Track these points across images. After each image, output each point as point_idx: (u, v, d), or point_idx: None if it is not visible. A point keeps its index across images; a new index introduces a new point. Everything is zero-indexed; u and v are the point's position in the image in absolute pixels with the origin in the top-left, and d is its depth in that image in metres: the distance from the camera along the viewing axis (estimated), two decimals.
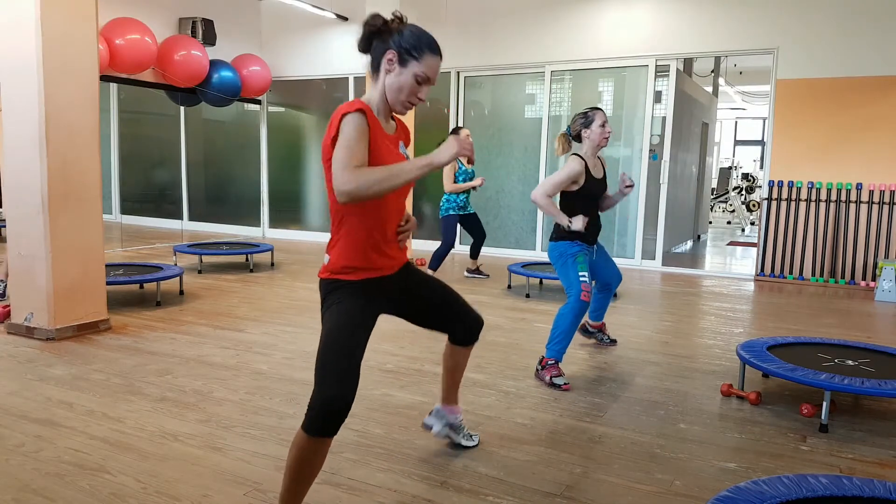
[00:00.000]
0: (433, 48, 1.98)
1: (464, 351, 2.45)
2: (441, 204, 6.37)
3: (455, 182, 6.15)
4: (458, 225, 6.36)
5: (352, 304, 1.97)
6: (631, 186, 3.60)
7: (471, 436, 2.67)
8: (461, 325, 2.37)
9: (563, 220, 3.53)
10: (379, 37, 2.00)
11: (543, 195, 3.54)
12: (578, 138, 3.68)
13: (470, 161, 1.83)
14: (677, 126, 7.91)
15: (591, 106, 3.76)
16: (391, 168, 1.79)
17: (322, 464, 1.90)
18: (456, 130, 6.25)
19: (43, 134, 3.94)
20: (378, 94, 2.02)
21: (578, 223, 3.47)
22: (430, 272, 6.09)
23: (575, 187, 3.58)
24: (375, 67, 2.02)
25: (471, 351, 2.49)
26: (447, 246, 6.19)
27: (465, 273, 6.77)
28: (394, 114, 2.11)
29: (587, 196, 3.62)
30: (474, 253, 6.63)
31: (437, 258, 6.17)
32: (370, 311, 2.03)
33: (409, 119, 7.00)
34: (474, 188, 6.21)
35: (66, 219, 4.09)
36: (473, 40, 8.24)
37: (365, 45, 2.03)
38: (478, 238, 6.53)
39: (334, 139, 1.86)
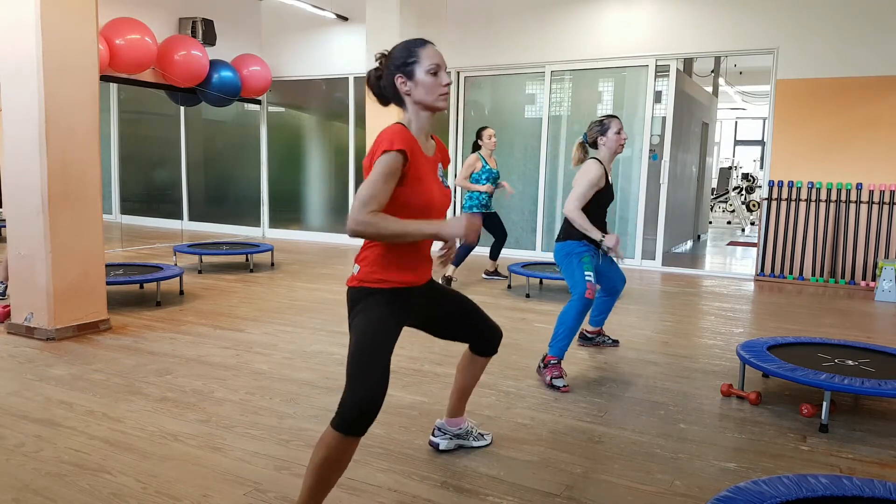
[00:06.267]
0: (420, 43, 2.06)
1: (482, 361, 2.49)
2: (464, 202, 6.37)
3: (470, 181, 6.11)
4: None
5: (381, 312, 2.02)
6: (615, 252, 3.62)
7: (482, 435, 2.69)
8: (481, 337, 2.41)
9: (597, 234, 3.52)
10: (381, 80, 2.10)
11: (576, 209, 3.54)
12: (595, 145, 3.70)
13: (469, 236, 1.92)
14: (677, 126, 7.91)
15: (606, 115, 3.78)
16: (404, 225, 1.90)
17: (346, 465, 1.91)
18: (480, 133, 6.20)
19: (43, 134, 3.94)
20: (413, 118, 2.08)
21: (611, 241, 3.49)
22: (452, 269, 6.07)
23: (594, 191, 3.59)
24: (399, 101, 2.09)
25: (488, 362, 2.52)
26: (470, 244, 6.16)
27: (483, 275, 6.75)
28: (433, 136, 2.19)
29: (600, 202, 3.63)
30: (494, 254, 6.61)
31: (460, 257, 6.14)
32: (397, 320, 2.06)
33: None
34: (487, 192, 6.09)
35: (66, 219, 4.09)
36: (473, 40, 8.24)
37: (380, 95, 2.13)
38: (499, 237, 6.50)
39: (372, 162, 1.95)
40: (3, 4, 3.97)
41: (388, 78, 2.07)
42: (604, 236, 3.52)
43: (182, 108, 10.25)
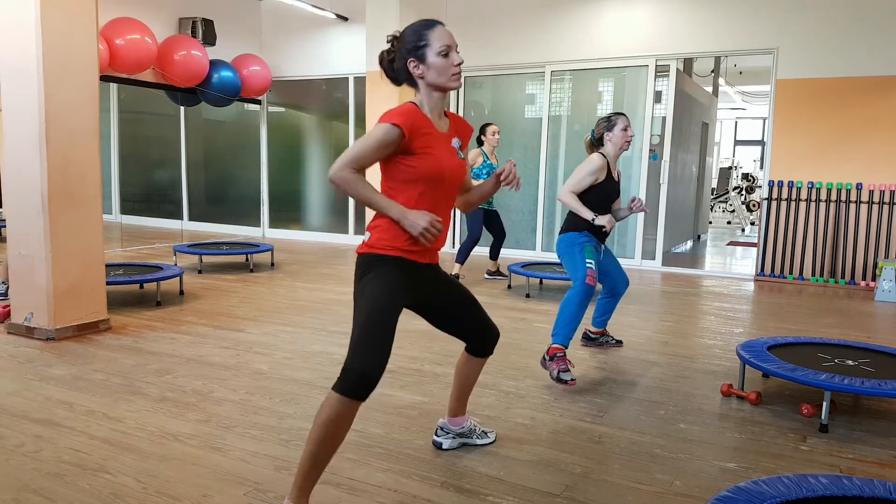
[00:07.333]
0: (429, 25, 2.11)
1: (478, 362, 2.50)
2: None
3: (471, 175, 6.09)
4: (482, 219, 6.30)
5: (389, 280, 2.07)
6: (640, 209, 3.69)
7: (485, 433, 2.70)
8: (480, 335, 2.42)
9: (588, 213, 3.58)
10: (394, 63, 2.15)
11: (567, 192, 3.61)
12: (601, 141, 3.74)
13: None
14: (677, 126, 7.91)
15: (614, 111, 3.83)
16: (373, 197, 2.01)
17: (347, 431, 1.95)
18: (484, 128, 6.18)
19: (43, 134, 3.94)
20: (426, 98, 2.14)
21: (604, 220, 3.55)
22: (457, 266, 6.07)
23: (593, 181, 3.63)
24: (413, 83, 2.15)
25: (484, 363, 2.53)
26: (474, 240, 6.15)
27: (486, 275, 6.74)
28: (449, 113, 2.25)
29: (601, 194, 3.67)
30: (494, 254, 6.61)
31: (464, 252, 6.13)
32: (403, 290, 2.10)
33: None
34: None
35: (66, 219, 4.09)
36: (473, 40, 8.24)
37: (393, 78, 2.19)
38: (498, 237, 6.50)
39: None
40: (3, 4, 3.97)
41: (400, 61, 2.11)
42: (595, 216, 3.56)
43: (182, 108, 10.25)
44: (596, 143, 3.77)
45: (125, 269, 5.57)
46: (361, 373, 1.90)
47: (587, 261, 3.57)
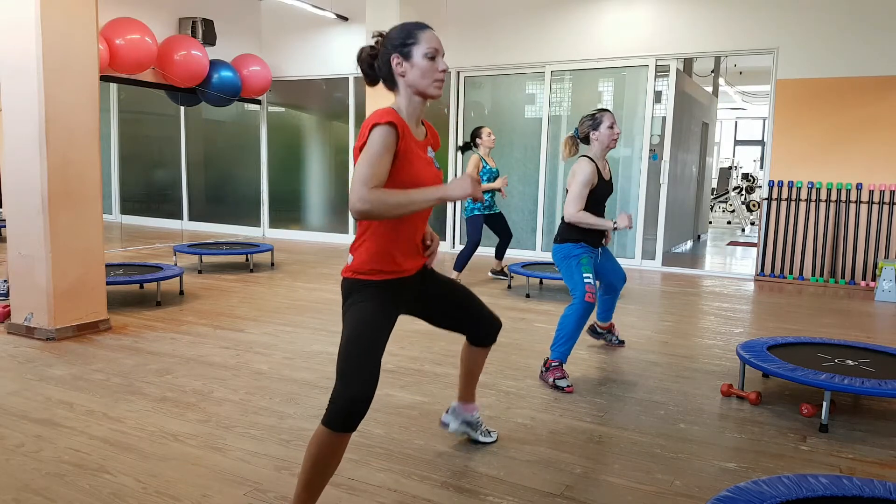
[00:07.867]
0: (420, 26, 2.04)
1: (481, 351, 2.50)
2: (465, 204, 6.32)
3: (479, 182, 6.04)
4: (484, 225, 6.27)
5: (374, 305, 2.01)
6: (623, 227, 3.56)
7: (489, 432, 2.71)
8: (478, 327, 2.41)
9: (608, 223, 3.51)
10: (375, 59, 2.07)
11: (576, 211, 3.49)
12: (587, 140, 3.61)
13: (476, 199, 1.93)
14: (677, 126, 7.91)
15: (598, 108, 3.72)
16: (409, 194, 1.86)
17: (339, 460, 1.92)
18: (478, 131, 6.15)
19: (43, 134, 3.94)
20: (405, 101, 2.06)
21: (623, 220, 3.45)
22: (455, 274, 6.02)
23: (588, 190, 3.52)
24: (392, 82, 2.06)
25: (488, 352, 2.52)
26: (473, 246, 6.08)
27: (490, 273, 6.75)
28: (426, 122, 2.18)
29: (596, 198, 3.58)
30: (499, 254, 6.60)
31: (463, 260, 6.08)
32: (391, 311, 2.06)
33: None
34: (499, 190, 6.07)
35: (66, 219, 4.09)
36: (473, 40, 8.24)
37: (371, 75, 2.10)
38: (504, 238, 6.48)
39: (362, 148, 1.92)
40: (3, 4, 3.97)
41: (383, 57, 2.03)
42: (614, 222, 3.49)
43: (182, 108, 10.25)
44: (581, 142, 3.63)
45: (125, 269, 5.57)
46: (348, 403, 1.83)
47: (585, 276, 3.48)
